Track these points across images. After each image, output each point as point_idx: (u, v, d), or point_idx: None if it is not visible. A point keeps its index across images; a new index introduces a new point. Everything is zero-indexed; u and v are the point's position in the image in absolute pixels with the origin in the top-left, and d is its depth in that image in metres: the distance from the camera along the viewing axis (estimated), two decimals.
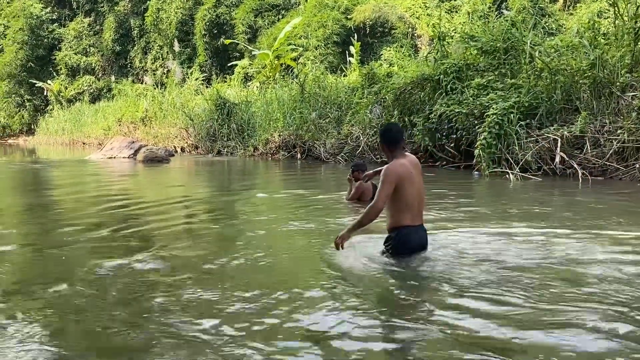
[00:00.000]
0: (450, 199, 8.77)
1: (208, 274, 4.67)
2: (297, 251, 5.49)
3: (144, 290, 4.24)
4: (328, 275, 4.57)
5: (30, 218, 8.05)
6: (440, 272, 4.48)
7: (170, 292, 4.17)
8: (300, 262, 5.11)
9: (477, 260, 4.78)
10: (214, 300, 3.92)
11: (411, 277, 4.43)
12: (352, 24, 22.73)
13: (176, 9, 29.33)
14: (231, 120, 19.91)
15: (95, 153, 21.05)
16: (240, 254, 5.23)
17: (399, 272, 4.56)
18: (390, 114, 14.33)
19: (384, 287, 4.31)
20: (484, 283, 4.14)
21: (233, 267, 4.81)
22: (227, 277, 4.57)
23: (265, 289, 4.11)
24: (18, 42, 36.57)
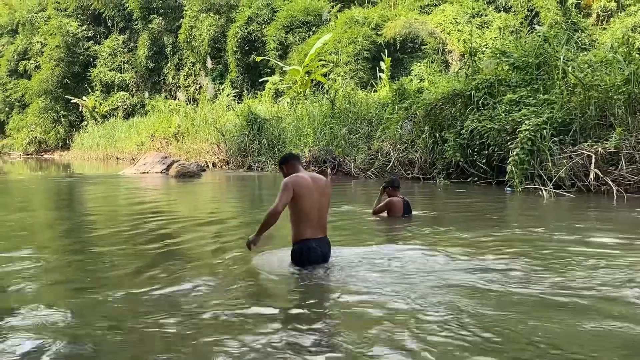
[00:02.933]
0: (483, 215, 8.68)
1: (235, 294, 4.71)
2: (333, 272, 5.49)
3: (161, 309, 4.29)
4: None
5: (63, 232, 8.19)
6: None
7: (187, 312, 4.21)
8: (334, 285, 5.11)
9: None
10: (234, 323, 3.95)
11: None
12: (383, 40, 22.77)
13: (208, 26, 29.74)
14: (262, 135, 20.05)
15: (128, 168, 21.37)
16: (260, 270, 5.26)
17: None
18: (421, 130, 14.30)
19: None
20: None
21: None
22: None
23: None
24: (54, 59, 37.42)
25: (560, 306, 4.02)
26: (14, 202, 12.84)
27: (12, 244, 6.83)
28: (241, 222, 8.73)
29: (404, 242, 6.50)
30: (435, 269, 5.14)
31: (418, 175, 14.16)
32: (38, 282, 4.92)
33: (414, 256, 5.66)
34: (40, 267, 5.47)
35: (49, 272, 5.26)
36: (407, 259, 5.54)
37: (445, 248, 5.98)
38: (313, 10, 26.31)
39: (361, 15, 23.85)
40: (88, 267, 5.65)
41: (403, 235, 7.03)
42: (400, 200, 8.00)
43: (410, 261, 5.45)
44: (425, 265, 5.26)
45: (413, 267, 5.22)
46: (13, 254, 6.06)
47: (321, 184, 5.17)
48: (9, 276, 5.14)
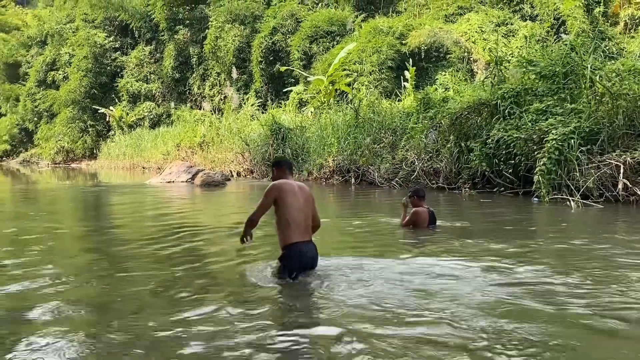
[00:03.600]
0: (511, 225, 8.58)
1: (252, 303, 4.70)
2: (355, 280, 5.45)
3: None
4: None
5: (88, 243, 8.27)
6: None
7: (202, 316, 4.20)
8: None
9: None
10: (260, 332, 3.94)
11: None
12: (407, 49, 22.73)
13: (234, 36, 29.97)
14: (286, 145, 20.10)
15: (154, 177, 21.57)
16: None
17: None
18: (446, 139, 14.21)
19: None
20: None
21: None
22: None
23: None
24: (82, 70, 37.99)
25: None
26: (42, 212, 13.01)
27: (37, 254, 6.88)
28: (265, 234, 8.73)
29: (431, 254, 6.37)
30: (467, 284, 4.99)
31: (443, 185, 14.06)
32: (58, 299, 4.86)
33: (444, 270, 5.52)
34: (62, 282, 5.42)
35: (70, 290, 5.19)
36: (435, 272, 5.43)
37: (474, 260, 5.87)
38: (337, 20, 26.38)
39: (385, 25, 23.84)
40: (111, 281, 5.66)
41: (429, 247, 6.96)
42: (426, 210, 7.94)
43: (439, 275, 5.34)
44: (456, 280, 5.12)
45: (443, 282, 5.08)
46: (38, 267, 6.10)
47: (306, 191, 5.36)
48: (32, 290, 5.15)
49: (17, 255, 6.90)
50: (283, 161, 5.68)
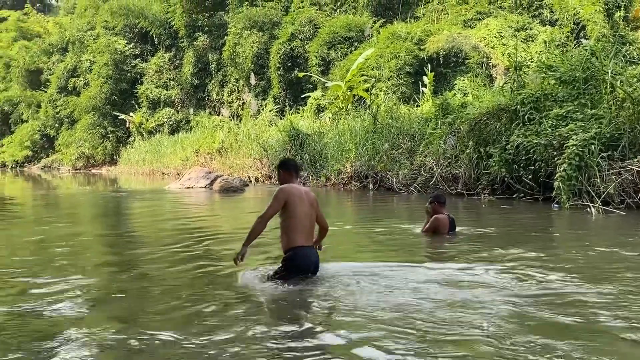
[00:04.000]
0: (532, 232, 8.51)
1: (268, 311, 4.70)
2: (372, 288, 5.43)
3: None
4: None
5: (108, 251, 8.34)
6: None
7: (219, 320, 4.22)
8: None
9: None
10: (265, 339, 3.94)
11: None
12: (425, 55, 22.66)
13: (252, 43, 30.11)
14: (304, 150, 20.12)
15: (173, 183, 21.70)
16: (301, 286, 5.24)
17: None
18: (465, 145, 14.14)
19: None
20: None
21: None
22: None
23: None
24: (103, 77, 38.37)
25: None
26: (63, 217, 13.15)
27: (58, 263, 6.90)
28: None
29: (452, 261, 6.30)
30: (493, 293, 4.85)
31: (462, 191, 13.98)
32: (77, 312, 4.84)
33: (466, 278, 5.42)
34: (82, 293, 5.35)
35: (90, 302, 5.13)
36: (457, 280, 5.34)
37: (497, 268, 5.77)
38: (355, 26, 26.39)
39: (404, 30, 23.80)
40: (129, 292, 5.67)
41: (450, 254, 6.92)
42: (446, 217, 7.90)
43: (462, 283, 5.23)
44: (480, 290, 4.99)
45: (467, 291, 4.94)
46: (57, 276, 6.13)
47: (311, 196, 5.40)
48: (52, 298, 5.14)
49: (39, 263, 6.97)
50: (290, 163, 5.67)
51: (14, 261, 6.94)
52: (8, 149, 47.17)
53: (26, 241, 8.86)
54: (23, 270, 6.31)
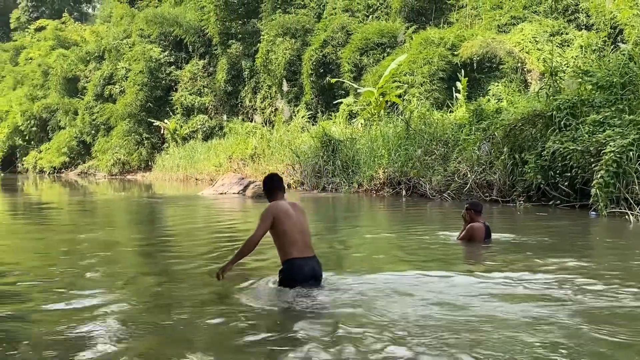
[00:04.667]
0: (569, 240, 8.37)
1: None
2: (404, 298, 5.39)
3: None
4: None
5: (144, 256, 8.44)
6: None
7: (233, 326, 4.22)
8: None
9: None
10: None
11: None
12: (459, 60, 22.49)
13: (284, 50, 30.26)
14: (336, 157, 20.13)
15: (207, 189, 21.90)
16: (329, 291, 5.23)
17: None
18: (500, 151, 13.98)
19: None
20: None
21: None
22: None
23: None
24: (138, 84, 38.93)
25: None
26: (99, 224, 13.37)
27: (92, 271, 6.95)
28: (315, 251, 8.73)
29: (489, 271, 6.16)
30: (541, 308, 4.59)
31: (497, 198, 13.82)
32: (110, 323, 4.90)
33: (507, 290, 5.22)
34: (115, 305, 5.27)
35: (122, 313, 5.02)
36: (503, 293, 5.13)
37: (538, 278, 5.61)
38: (388, 32, 26.33)
39: (437, 36, 23.66)
40: (162, 303, 5.68)
41: (487, 263, 6.82)
42: (482, 225, 7.80)
43: (502, 295, 5.04)
44: (523, 304, 4.77)
45: (509, 305, 4.72)
46: (91, 287, 6.18)
47: (299, 207, 5.59)
48: (87, 309, 5.11)
49: (75, 268, 7.09)
50: (272, 181, 5.68)
51: (51, 270, 7.06)
52: (46, 155, 48.13)
53: (63, 248, 9.03)
54: (60, 276, 6.43)
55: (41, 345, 4.07)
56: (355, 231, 10.50)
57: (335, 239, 9.47)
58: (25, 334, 4.31)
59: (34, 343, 4.11)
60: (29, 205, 19.85)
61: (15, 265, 7.28)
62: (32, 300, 5.42)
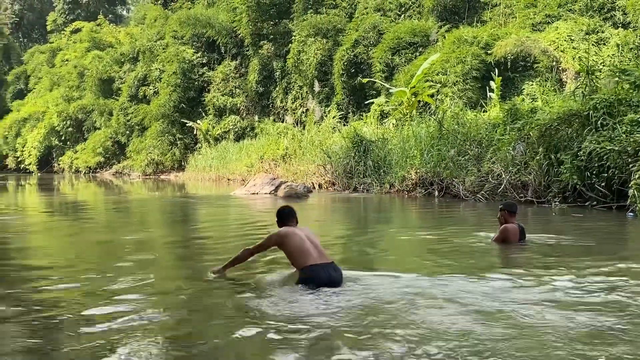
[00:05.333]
0: (607, 242, 8.21)
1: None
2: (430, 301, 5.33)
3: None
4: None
5: (177, 249, 8.53)
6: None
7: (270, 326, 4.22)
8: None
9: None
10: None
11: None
12: (492, 59, 22.24)
13: (316, 50, 30.28)
14: (367, 157, 20.06)
15: (239, 189, 22.03)
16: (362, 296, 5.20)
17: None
18: (535, 151, 13.78)
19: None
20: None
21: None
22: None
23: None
24: (172, 85, 39.34)
25: None
26: (133, 222, 13.56)
27: (127, 270, 7.02)
28: (345, 246, 8.74)
29: (526, 275, 5.99)
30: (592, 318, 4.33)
31: (531, 199, 13.62)
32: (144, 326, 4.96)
33: (549, 296, 5.01)
34: (149, 307, 5.29)
35: (155, 318, 4.98)
36: (546, 299, 4.93)
37: (578, 282, 5.45)
38: (420, 31, 26.16)
39: (470, 35, 23.44)
40: (194, 304, 5.69)
41: (523, 265, 6.71)
42: (516, 226, 7.70)
43: (544, 302, 4.81)
44: (563, 311, 4.54)
45: (549, 313, 4.48)
46: (125, 287, 6.24)
47: (308, 229, 5.96)
48: (119, 314, 5.09)
49: (109, 270, 7.19)
50: (282, 214, 6.09)
51: (85, 272, 7.17)
52: (81, 155, 48.94)
53: (98, 248, 9.17)
54: (93, 279, 6.52)
55: (73, 349, 4.12)
56: (387, 232, 10.46)
57: (366, 240, 9.44)
58: (58, 338, 4.34)
59: (66, 348, 4.14)
60: (65, 204, 20.22)
61: (50, 269, 7.39)
62: (67, 303, 5.47)
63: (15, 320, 4.79)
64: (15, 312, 4.98)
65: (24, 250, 9.24)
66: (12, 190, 29.68)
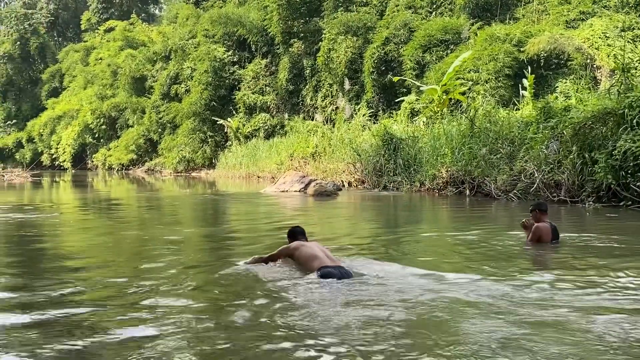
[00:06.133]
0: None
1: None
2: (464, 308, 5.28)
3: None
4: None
5: (207, 246, 8.59)
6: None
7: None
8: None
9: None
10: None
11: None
12: (525, 57, 21.97)
13: (346, 48, 30.22)
14: (397, 155, 19.97)
15: (269, 186, 22.13)
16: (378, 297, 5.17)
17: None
18: (569, 150, 13.56)
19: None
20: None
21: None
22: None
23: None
24: (203, 83, 39.67)
25: None
26: (165, 219, 13.71)
27: (159, 268, 7.06)
28: (374, 245, 8.69)
29: (566, 275, 5.90)
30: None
31: (565, 198, 13.41)
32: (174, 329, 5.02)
33: (588, 302, 4.80)
34: (181, 305, 5.29)
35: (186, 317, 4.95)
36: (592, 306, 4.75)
37: (616, 285, 5.33)
38: (452, 28, 25.94)
39: (502, 32, 23.17)
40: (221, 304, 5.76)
41: (559, 266, 6.60)
42: (548, 225, 7.60)
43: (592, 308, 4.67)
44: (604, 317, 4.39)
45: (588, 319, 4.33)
46: (157, 286, 6.30)
47: (312, 242, 6.44)
48: (149, 309, 5.17)
49: (141, 268, 7.28)
50: (294, 232, 6.64)
51: (119, 269, 7.27)
52: (115, 153, 49.68)
53: (131, 245, 9.29)
54: (127, 277, 6.60)
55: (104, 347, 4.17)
56: (417, 230, 10.40)
57: (396, 239, 9.40)
58: (95, 340, 4.37)
59: (97, 346, 4.19)
60: (99, 201, 20.54)
61: (84, 269, 7.50)
62: (100, 300, 5.55)
63: (53, 320, 4.85)
64: (54, 315, 5.02)
65: (60, 246, 9.41)
66: (47, 187, 30.26)
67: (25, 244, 9.38)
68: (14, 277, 6.65)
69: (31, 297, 5.49)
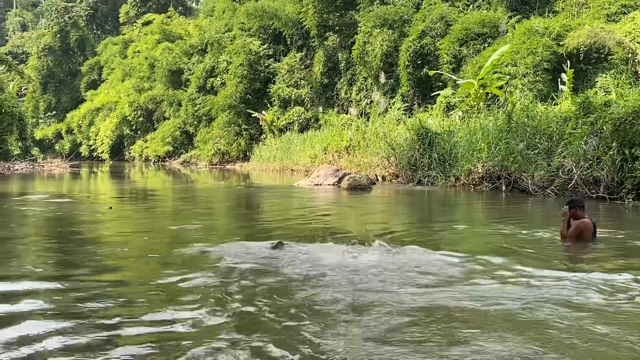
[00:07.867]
0: None
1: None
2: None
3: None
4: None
5: (239, 237, 8.66)
6: None
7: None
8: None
9: None
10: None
11: None
12: (564, 51, 21.57)
13: (382, 41, 30.07)
14: (432, 149, 19.83)
15: (303, 180, 22.20)
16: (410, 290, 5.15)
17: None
18: (608, 146, 13.31)
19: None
20: None
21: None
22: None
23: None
24: (238, 77, 39.96)
25: None
26: (201, 211, 13.87)
27: (192, 263, 7.16)
28: (409, 239, 8.64)
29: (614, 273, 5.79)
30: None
31: (604, 195, 13.17)
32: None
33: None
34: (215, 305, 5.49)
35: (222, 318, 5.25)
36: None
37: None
38: (489, 21, 25.61)
39: (541, 26, 22.79)
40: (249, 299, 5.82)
41: (606, 264, 6.48)
42: (590, 222, 7.47)
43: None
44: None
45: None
46: (190, 283, 6.36)
47: None
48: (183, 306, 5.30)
49: (177, 263, 7.38)
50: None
51: (155, 264, 7.38)
52: (151, 145, 50.39)
53: (168, 238, 9.43)
54: (161, 275, 6.71)
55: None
56: (453, 226, 10.33)
57: (431, 233, 9.35)
58: (126, 332, 4.44)
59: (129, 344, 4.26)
60: (136, 191, 20.87)
61: (123, 259, 7.63)
62: (133, 298, 5.63)
63: (92, 307, 4.97)
64: (93, 305, 5.15)
65: (99, 235, 9.60)
66: (85, 177, 30.85)
67: (67, 234, 9.59)
68: (52, 267, 6.81)
69: (69, 285, 5.62)
